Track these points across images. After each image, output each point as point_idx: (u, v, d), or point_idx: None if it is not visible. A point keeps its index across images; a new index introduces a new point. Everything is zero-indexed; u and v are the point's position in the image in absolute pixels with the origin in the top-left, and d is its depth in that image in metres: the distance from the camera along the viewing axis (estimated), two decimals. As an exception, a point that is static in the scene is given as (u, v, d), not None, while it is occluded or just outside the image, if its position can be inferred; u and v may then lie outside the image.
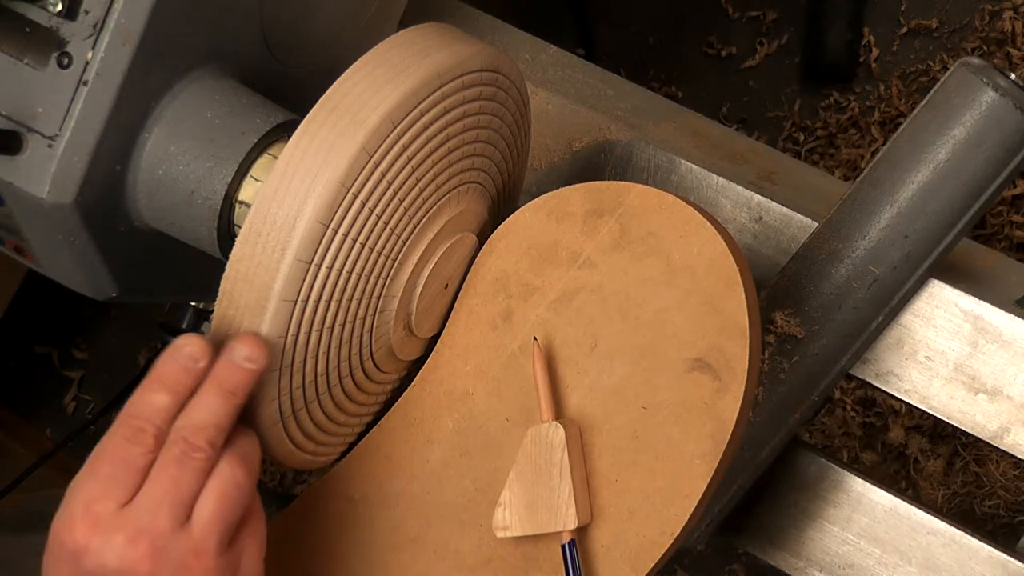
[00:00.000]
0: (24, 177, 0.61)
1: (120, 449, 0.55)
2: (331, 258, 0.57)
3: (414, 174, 0.60)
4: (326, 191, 0.56)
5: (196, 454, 0.54)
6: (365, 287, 0.61)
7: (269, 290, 0.56)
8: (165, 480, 0.54)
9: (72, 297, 0.73)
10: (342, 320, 0.60)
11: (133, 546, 0.53)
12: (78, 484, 0.55)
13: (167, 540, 0.54)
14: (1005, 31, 1.54)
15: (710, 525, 0.80)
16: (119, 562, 0.53)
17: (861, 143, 1.58)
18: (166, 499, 0.54)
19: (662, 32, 1.71)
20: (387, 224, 0.60)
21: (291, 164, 0.56)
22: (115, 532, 0.53)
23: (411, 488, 0.68)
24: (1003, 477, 1.35)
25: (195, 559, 0.54)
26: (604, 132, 0.85)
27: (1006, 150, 0.71)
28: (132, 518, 0.54)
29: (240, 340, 0.56)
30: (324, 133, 0.57)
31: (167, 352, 0.56)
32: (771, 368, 0.75)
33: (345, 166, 0.56)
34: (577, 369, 0.64)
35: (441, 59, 0.59)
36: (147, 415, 0.55)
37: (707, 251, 0.62)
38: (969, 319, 0.76)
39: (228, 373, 0.56)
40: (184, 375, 0.56)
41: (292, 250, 0.56)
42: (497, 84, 0.64)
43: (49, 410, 1.86)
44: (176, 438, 0.54)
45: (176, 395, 0.55)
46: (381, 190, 0.58)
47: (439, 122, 0.60)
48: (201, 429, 0.55)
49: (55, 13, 0.61)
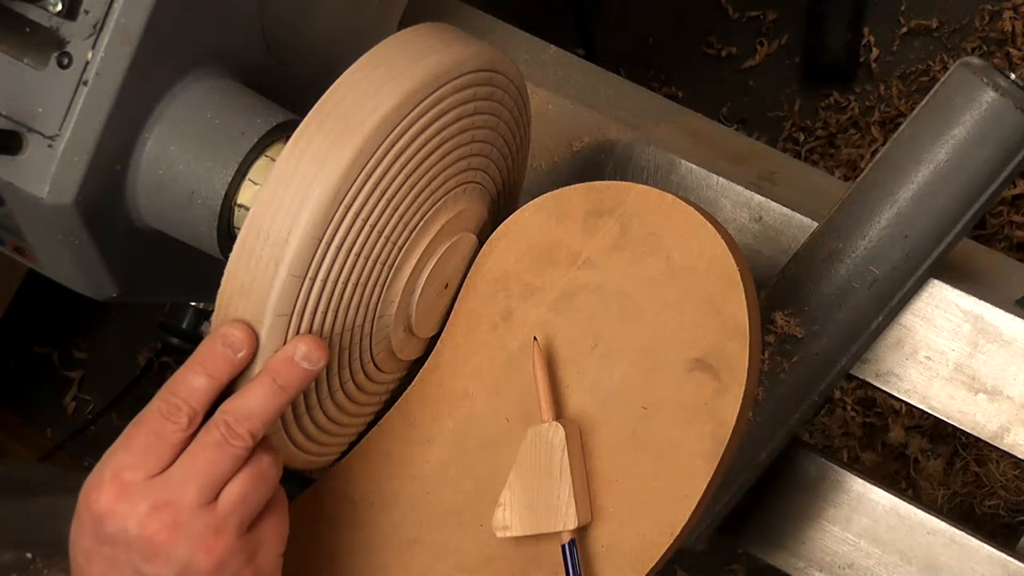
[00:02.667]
0: (24, 177, 0.61)
1: (156, 423, 0.56)
2: (326, 271, 0.57)
3: (408, 180, 0.60)
4: (318, 205, 0.56)
5: (235, 441, 0.56)
6: (362, 295, 0.61)
7: (264, 305, 0.56)
8: (200, 459, 0.55)
9: (72, 297, 0.73)
10: (340, 328, 0.60)
11: (156, 515, 0.55)
12: (112, 451, 0.56)
13: (190, 515, 0.55)
14: (1005, 31, 1.54)
15: (710, 525, 0.80)
16: (139, 529, 0.55)
17: (861, 143, 1.58)
18: (197, 477, 0.55)
19: (662, 32, 1.71)
20: (382, 233, 0.60)
21: (283, 178, 0.56)
22: (140, 500, 0.55)
23: (411, 488, 0.68)
24: (1003, 477, 1.35)
25: (214, 537, 0.55)
26: (604, 132, 0.85)
27: (1006, 150, 0.71)
28: (159, 489, 0.55)
29: (302, 339, 0.57)
30: (316, 145, 0.56)
31: (213, 335, 0.57)
32: (771, 368, 0.75)
33: (337, 179, 0.56)
34: (577, 369, 0.64)
35: (439, 60, 0.59)
36: (184, 394, 0.56)
37: (707, 251, 0.62)
38: (969, 319, 0.76)
39: (285, 369, 0.57)
40: (223, 362, 0.56)
41: (286, 265, 0.56)
42: (496, 84, 0.64)
43: (49, 410, 1.86)
44: (219, 420, 0.56)
45: (214, 380, 0.56)
46: (375, 199, 0.58)
47: (436, 124, 0.60)
48: (246, 418, 0.56)
49: (55, 13, 0.61)
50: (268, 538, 0.59)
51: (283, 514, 0.60)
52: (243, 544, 0.57)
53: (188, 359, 0.57)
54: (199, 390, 0.56)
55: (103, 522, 0.55)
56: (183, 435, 0.56)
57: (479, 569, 0.66)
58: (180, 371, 0.57)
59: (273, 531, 0.59)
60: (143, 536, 0.55)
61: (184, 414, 0.56)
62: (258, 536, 0.58)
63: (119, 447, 0.56)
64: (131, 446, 0.56)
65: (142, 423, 0.56)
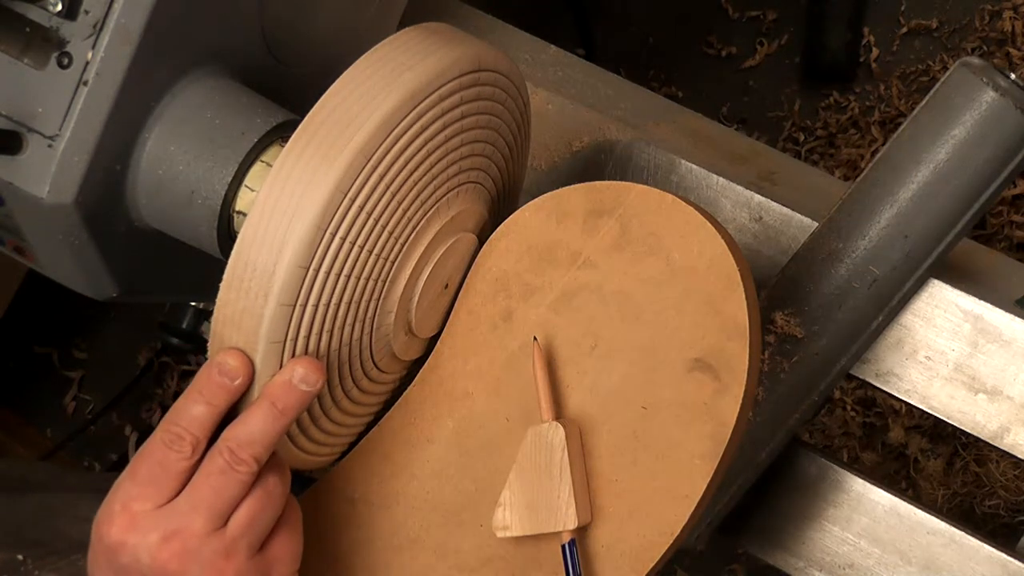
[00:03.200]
0: (24, 177, 0.61)
1: (159, 453, 0.56)
2: (316, 296, 0.57)
3: (397, 196, 0.59)
4: (303, 235, 0.55)
5: (240, 467, 0.56)
6: (357, 311, 0.60)
7: (256, 334, 0.56)
8: (205, 487, 0.56)
9: (72, 297, 0.73)
10: (337, 345, 0.60)
11: (166, 544, 0.55)
12: (119, 484, 0.57)
13: (199, 542, 0.56)
14: (1005, 31, 1.54)
15: (710, 525, 0.80)
16: (151, 559, 0.56)
17: (861, 143, 1.58)
18: (204, 504, 0.56)
19: (662, 32, 1.71)
20: (372, 251, 0.59)
21: (267, 207, 0.55)
22: (151, 530, 0.56)
23: (411, 488, 0.68)
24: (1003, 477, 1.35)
25: (225, 561, 0.56)
26: (604, 132, 0.85)
27: (1006, 150, 0.71)
28: (168, 518, 0.56)
29: (299, 361, 0.57)
30: (298, 171, 0.55)
31: (209, 364, 0.58)
32: (771, 368, 0.76)
33: (320, 207, 0.55)
34: (577, 369, 0.64)
35: (416, 75, 0.58)
36: (185, 423, 0.57)
37: (707, 251, 0.62)
38: (969, 319, 0.76)
39: (283, 393, 0.57)
40: (220, 390, 0.57)
41: (275, 296, 0.55)
42: (496, 84, 0.64)
43: (49, 410, 1.86)
44: (222, 447, 0.56)
45: (213, 407, 0.57)
46: (363, 220, 0.57)
47: (424, 134, 0.59)
48: (248, 444, 0.56)
49: (55, 13, 0.61)
50: (281, 556, 0.59)
51: (295, 530, 0.60)
52: (255, 565, 0.57)
53: (187, 388, 0.58)
54: (199, 418, 0.57)
55: (116, 554, 0.56)
56: (187, 463, 0.56)
57: (479, 569, 0.66)
58: (179, 400, 0.57)
59: (285, 549, 0.59)
60: (156, 565, 0.55)
61: (187, 443, 0.56)
62: (270, 555, 0.59)
63: (126, 478, 0.57)
64: (137, 476, 0.56)
65: (147, 454, 0.57)
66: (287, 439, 0.61)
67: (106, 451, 1.83)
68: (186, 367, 1.81)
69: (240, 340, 0.57)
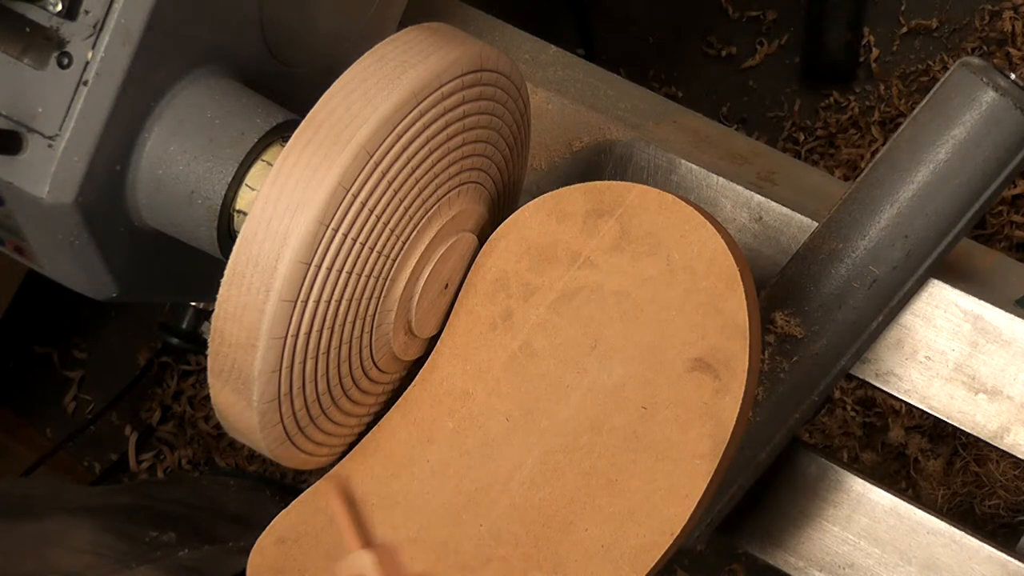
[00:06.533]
0: (24, 177, 0.61)
1: None
2: (318, 292, 0.57)
3: (398, 194, 0.59)
4: (305, 230, 0.55)
5: None
6: (358, 309, 0.60)
7: (257, 330, 0.56)
8: None
9: (72, 297, 0.73)
10: (337, 343, 0.60)
11: None
12: None
13: None
14: (1005, 31, 1.54)
15: (710, 525, 0.80)
16: None
17: (861, 143, 1.58)
18: None
19: (662, 32, 1.71)
20: (373, 248, 0.59)
21: (269, 202, 0.55)
22: None
23: (411, 488, 0.68)
24: (1003, 477, 1.35)
25: None
26: (604, 132, 0.85)
27: (1006, 150, 0.71)
28: None
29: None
30: (300, 168, 0.55)
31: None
32: (771, 368, 0.75)
33: (322, 203, 0.55)
34: (577, 369, 0.64)
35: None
36: None
37: (707, 251, 0.62)
38: (969, 319, 0.76)
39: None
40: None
41: (276, 292, 0.55)
42: (497, 84, 0.64)
43: (49, 410, 1.86)
44: None
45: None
46: (364, 217, 0.57)
47: (425, 134, 0.59)
48: None
49: (55, 13, 0.61)
50: None
51: None
52: None
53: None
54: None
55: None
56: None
57: (479, 569, 0.66)
58: None
59: None
60: None
61: None
62: None
63: None
64: None
65: None
66: (287, 439, 0.61)
67: (106, 451, 1.83)
68: (186, 367, 1.81)
69: (241, 336, 0.57)
